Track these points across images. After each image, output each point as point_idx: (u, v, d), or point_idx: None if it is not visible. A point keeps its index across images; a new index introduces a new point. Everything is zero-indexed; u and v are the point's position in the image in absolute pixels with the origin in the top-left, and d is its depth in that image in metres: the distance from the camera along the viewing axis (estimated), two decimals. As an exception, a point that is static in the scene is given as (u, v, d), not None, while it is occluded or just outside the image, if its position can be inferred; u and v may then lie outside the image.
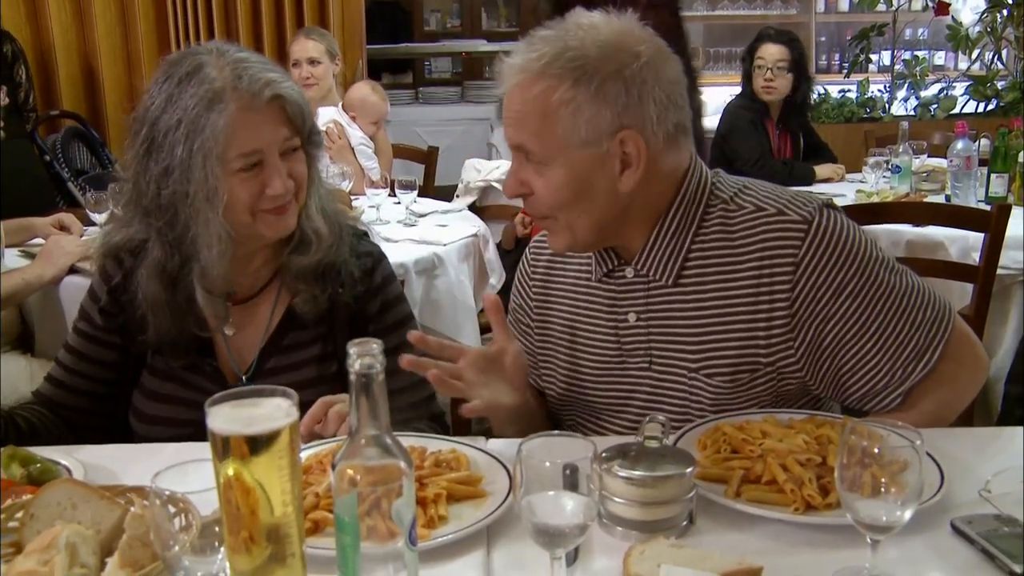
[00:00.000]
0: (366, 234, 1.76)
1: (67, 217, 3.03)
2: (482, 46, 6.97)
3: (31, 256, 2.80)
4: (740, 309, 1.43)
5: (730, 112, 4.32)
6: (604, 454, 1.20)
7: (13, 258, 2.85)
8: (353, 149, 4.03)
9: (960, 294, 2.95)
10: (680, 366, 1.48)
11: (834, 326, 1.42)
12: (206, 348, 1.64)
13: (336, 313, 1.64)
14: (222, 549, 0.95)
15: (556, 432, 1.07)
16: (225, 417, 0.92)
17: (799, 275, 1.40)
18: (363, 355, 0.92)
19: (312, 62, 4.04)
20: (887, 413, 1.44)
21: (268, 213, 1.53)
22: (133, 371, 1.66)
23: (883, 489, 1.04)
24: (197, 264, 1.53)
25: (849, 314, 1.41)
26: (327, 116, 4.00)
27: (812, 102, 4.38)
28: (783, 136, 4.29)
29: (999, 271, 2.81)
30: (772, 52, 4.16)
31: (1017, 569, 1.06)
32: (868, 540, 1.06)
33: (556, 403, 1.64)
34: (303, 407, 0.96)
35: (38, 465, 1.33)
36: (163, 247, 1.55)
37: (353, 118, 4.07)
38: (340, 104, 4.13)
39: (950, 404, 1.48)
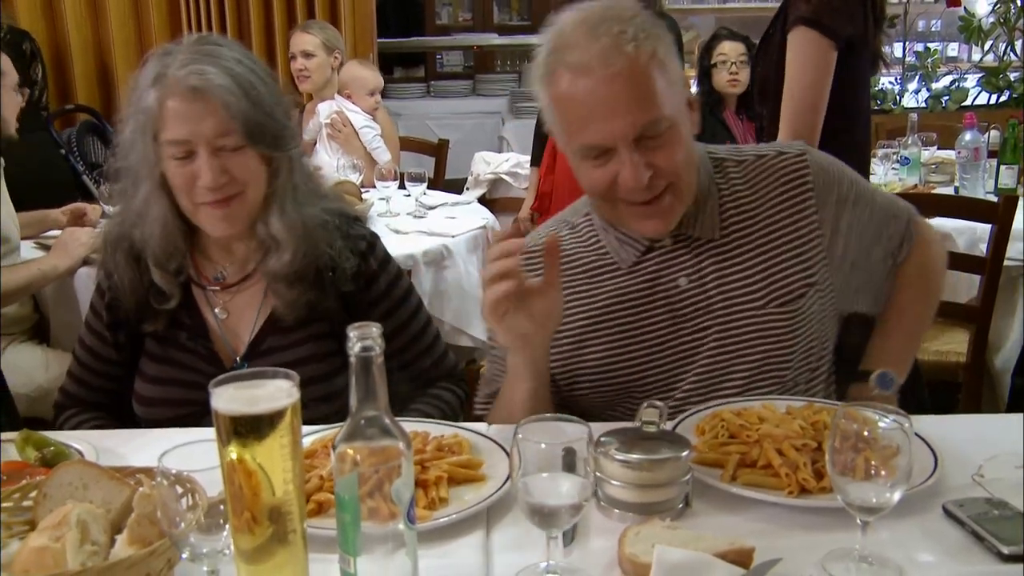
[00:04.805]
0: (357, 218, 1.77)
1: (83, 205, 3.08)
2: (493, 40, 6.98)
3: (46, 248, 2.84)
4: (785, 238, 1.55)
5: None
6: (602, 438, 1.23)
7: (29, 250, 2.89)
8: (358, 133, 4.04)
9: (967, 285, 2.95)
10: (749, 305, 1.53)
11: (851, 228, 1.58)
12: (200, 331, 1.68)
13: (328, 304, 1.66)
14: (227, 527, 0.98)
15: (551, 415, 1.09)
16: (229, 398, 0.95)
17: (818, 196, 1.56)
18: (363, 338, 0.94)
19: (306, 55, 4.05)
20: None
21: (208, 207, 1.56)
22: (135, 361, 1.71)
23: (874, 472, 1.06)
24: (138, 234, 1.61)
25: (857, 215, 1.59)
26: (327, 109, 4.03)
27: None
28: (746, 124, 4.42)
29: (1006, 263, 2.80)
30: (733, 48, 4.36)
31: (1005, 551, 1.08)
32: (858, 522, 1.08)
33: (593, 398, 1.61)
34: (303, 383, 0.99)
35: (52, 448, 1.37)
36: (126, 219, 1.63)
37: (348, 96, 4.08)
38: (335, 93, 4.14)
39: (929, 268, 1.69)
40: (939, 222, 3.11)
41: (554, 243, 1.42)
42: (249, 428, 0.94)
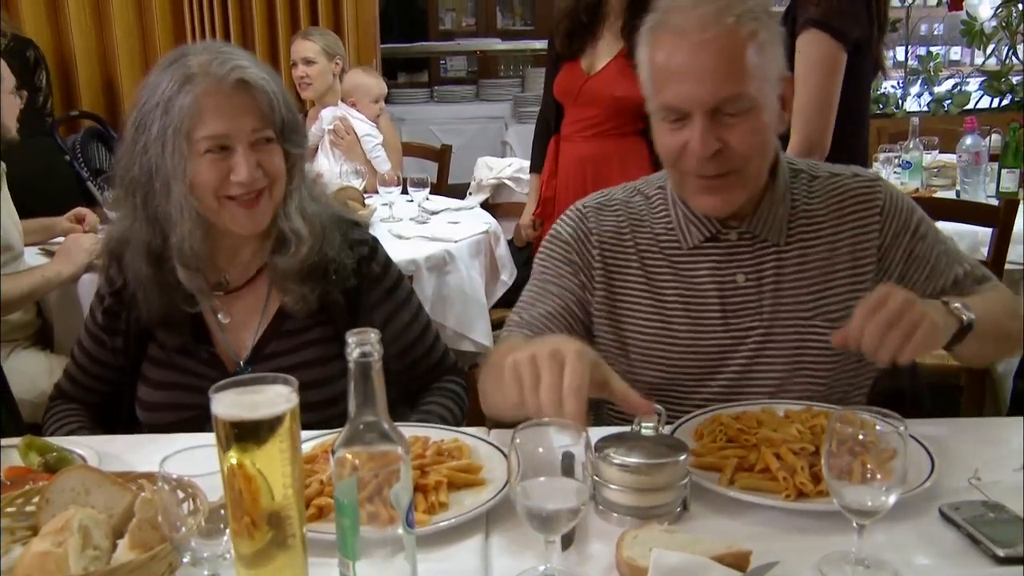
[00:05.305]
0: (358, 224, 1.79)
1: (82, 209, 3.10)
2: (497, 45, 6.99)
3: (51, 254, 2.86)
4: (843, 257, 1.56)
5: None
6: (600, 442, 1.23)
7: (33, 256, 2.90)
8: (360, 141, 4.05)
9: (968, 289, 2.95)
10: (795, 315, 1.56)
11: (910, 259, 1.58)
12: (202, 336, 1.69)
13: (334, 298, 1.68)
14: (228, 532, 0.99)
15: (548, 420, 1.10)
16: (229, 403, 0.96)
17: (884, 221, 1.57)
18: (361, 344, 0.95)
19: (307, 62, 4.06)
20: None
21: (235, 205, 1.57)
22: (135, 368, 1.72)
23: (870, 476, 1.06)
24: (174, 238, 1.58)
25: (920, 249, 1.58)
26: (331, 115, 4.04)
27: None
28: None
29: (1007, 266, 2.80)
30: None
31: (1000, 553, 1.09)
32: (855, 525, 1.09)
33: (631, 374, 1.59)
34: (305, 387, 1.00)
35: (54, 454, 1.38)
36: (146, 224, 1.61)
37: (353, 104, 4.09)
38: (339, 100, 4.14)
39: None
40: (940, 226, 3.12)
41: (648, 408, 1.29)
42: (249, 433, 0.95)
